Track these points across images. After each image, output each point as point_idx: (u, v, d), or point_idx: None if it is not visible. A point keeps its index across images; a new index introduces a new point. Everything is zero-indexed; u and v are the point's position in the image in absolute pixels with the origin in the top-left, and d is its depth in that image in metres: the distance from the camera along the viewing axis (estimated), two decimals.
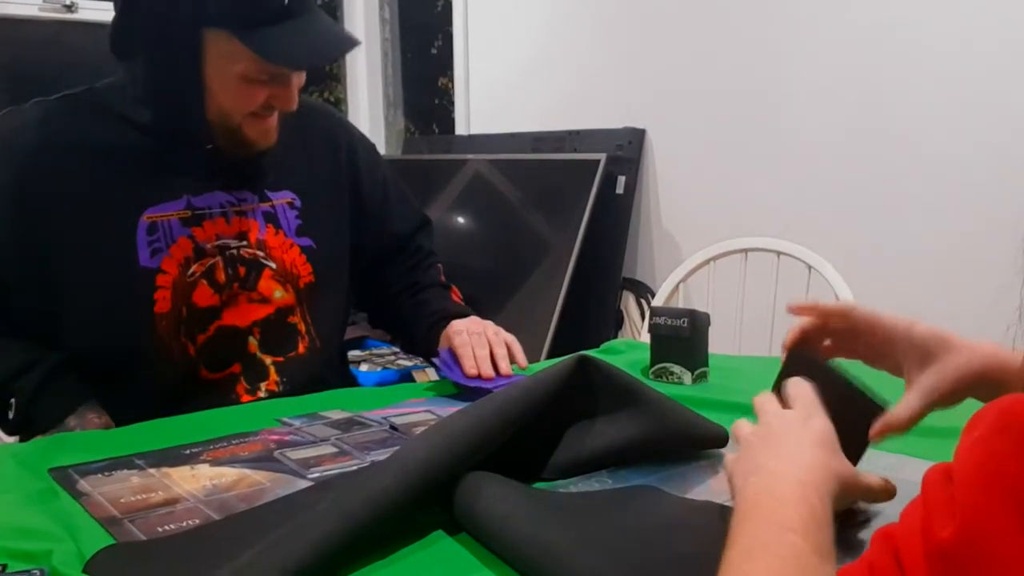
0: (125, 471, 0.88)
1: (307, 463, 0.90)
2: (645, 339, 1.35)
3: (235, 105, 1.11)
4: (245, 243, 1.20)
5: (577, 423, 0.88)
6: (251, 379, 1.20)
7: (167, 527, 0.75)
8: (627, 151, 2.65)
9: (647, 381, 0.95)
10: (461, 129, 3.33)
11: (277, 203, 1.25)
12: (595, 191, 2.60)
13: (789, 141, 2.28)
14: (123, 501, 0.80)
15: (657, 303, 1.94)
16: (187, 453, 0.94)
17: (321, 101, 2.03)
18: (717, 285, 1.85)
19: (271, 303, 1.22)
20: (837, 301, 1.48)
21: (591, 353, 1.00)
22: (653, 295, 2.56)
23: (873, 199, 2.11)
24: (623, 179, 2.64)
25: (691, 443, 0.91)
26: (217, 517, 0.77)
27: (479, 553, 0.70)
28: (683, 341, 1.21)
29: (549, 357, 2.46)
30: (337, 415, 1.08)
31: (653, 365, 1.23)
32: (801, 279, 1.75)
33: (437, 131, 3.87)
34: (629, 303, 2.70)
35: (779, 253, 1.80)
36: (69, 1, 2.96)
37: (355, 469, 0.89)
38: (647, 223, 2.69)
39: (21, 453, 0.96)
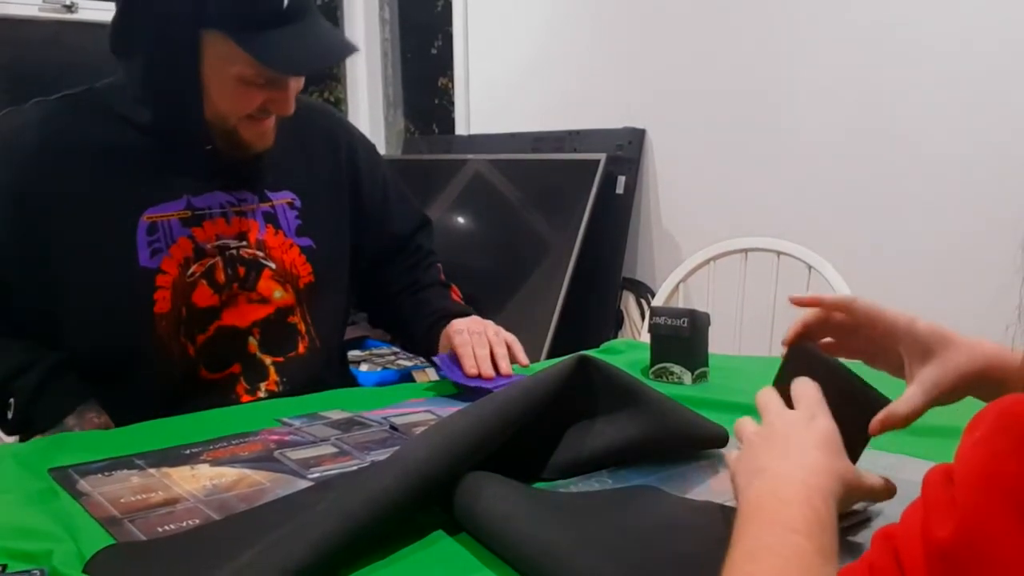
0: (125, 471, 0.88)
1: (307, 463, 0.90)
2: (645, 339, 1.35)
3: (231, 107, 1.11)
4: (245, 243, 1.20)
5: (577, 423, 0.88)
6: (251, 379, 1.20)
7: (167, 527, 0.75)
8: (627, 151, 2.65)
9: (647, 381, 0.95)
10: (461, 129, 3.33)
11: (277, 203, 1.25)
12: (595, 191, 2.60)
13: (789, 141, 2.28)
14: (123, 501, 0.80)
15: (657, 303, 1.94)
16: (187, 453, 0.94)
17: (321, 101, 2.03)
18: (717, 285, 1.85)
19: (271, 303, 1.22)
20: (839, 294, 1.48)
21: (591, 353, 1.00)
22: (653, 295, 2.56)
23: (873, 199, 2.11)
24: (623, 179, 2.64)
25: (691, 443, 0.91)
26: (217, 517, 0.77)
27: (479, 553, 0.70)
28: (683, 341, 1.21)
29: (549, 357, 2.46)
30: (337, 415, 1.08)
31: (653, 365, 1.23)
32: (801, 279, 1.75)
33: (437, 131, 3.86)
34: (629, 303, 2.70)
35: (779, 253, 1.80)
36: (69, 1, 2.96)
37: (355, 469, 0.88)
38: (647, 223, 2.69)
39: (21, 453, 0.95)
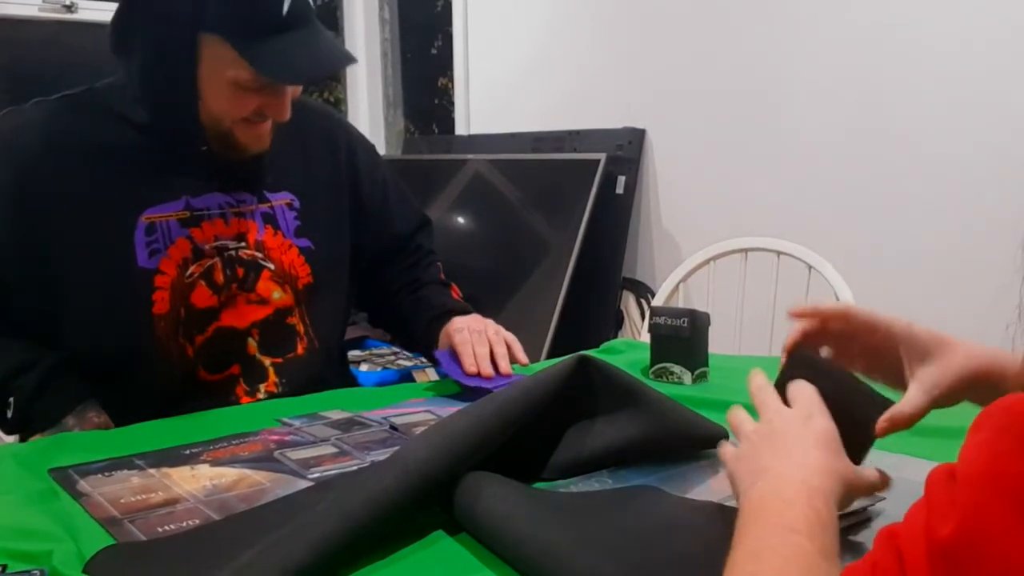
0: (125, 471, 0.88)
1: (307, 463, 0.90)
2: (645, 339, 1.35)
3: (225, 110, 1.11)
4: (243, 244, 1.20)
5: (577, 423, 0.88)
6: (250, 380, 1.20)
7: (167, 527, 0.75)
8: (627, 151, 2.65)
9: (647, 381, 0.95)
10: (461, 129, 3.33)
11: (276, 204, 1.25)
12: (595, 191, 2.60)
13: (789, 141, 2.28)
14: (123, 501, 0.80)
15: (657, 303, 1.94)
16: (187, 453, 0.94)
17: (320, 102, 2.03)
18: (717, 285, 1.85)
19: (269, 304, 1.21)
20: (836, 303, 1.47)
21: (591, 353, 1.00)
22: (653, 295, 2.56)
23: (873, 199, 2.11)
24: (623, 179, 2.63)
25: (691, 443, 0.91)
26: (217, 517, 0.77)
27: (479, 553, 0.70)
28: (683, 341, 1.21)
29: (549, 357, 2.45)
30: (337, 415, 1.08)
31: (653, 365, 1.23)
32: (801, 279, 1.74)
33: (437, 131, 3.86)
34: (629, 303, 2.70)
35: (779, 253, 1.80)
36: (69, 1, 2.96)
37: (355, 469, 0.89)
38: (647, 223, 2.69)
39: (21, 453, 0.96)
